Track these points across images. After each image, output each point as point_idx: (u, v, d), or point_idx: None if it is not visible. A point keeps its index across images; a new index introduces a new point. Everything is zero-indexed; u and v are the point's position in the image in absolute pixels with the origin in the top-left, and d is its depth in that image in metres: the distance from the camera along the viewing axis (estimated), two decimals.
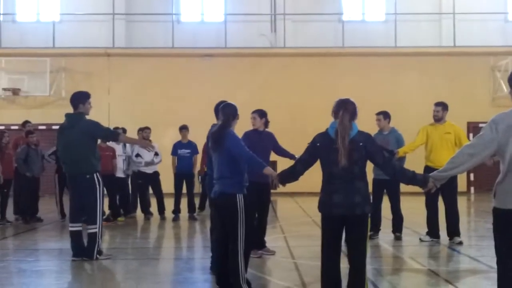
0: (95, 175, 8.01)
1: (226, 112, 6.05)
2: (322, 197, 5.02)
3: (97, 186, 8.02)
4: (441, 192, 8.97)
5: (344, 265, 5.09)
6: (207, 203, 10.35)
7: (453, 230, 9.22)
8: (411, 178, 4.97)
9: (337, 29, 21.01)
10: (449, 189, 8.87)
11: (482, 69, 20.21)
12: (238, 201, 5.86)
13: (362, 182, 4.94)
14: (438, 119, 9.42)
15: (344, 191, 4.86)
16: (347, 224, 4.94)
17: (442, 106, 9.44)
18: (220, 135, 5.93)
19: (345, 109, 4.94)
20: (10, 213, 12.50)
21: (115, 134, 8.53)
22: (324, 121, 9.37)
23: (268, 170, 5.92)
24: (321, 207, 5.02)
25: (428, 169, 8.88)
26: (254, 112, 8.44)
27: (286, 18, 20.81)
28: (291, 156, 8.48)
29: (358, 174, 4.90)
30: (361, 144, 4.89)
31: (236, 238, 5.84)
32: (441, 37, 21.19)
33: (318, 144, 5.02)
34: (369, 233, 5.13)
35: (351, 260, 4.99)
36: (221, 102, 6.48)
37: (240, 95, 15.98)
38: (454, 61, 20.16)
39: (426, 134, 9.40)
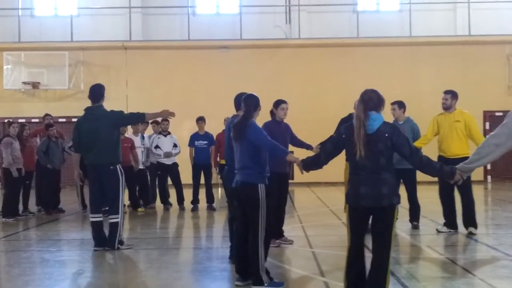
0: (118, 166, 8.17)
1: (248, 103, 6.08)
2: (349, 189, 4.95)
3: (120, 177, 8.17)
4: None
5: (367, 254, 5.06)
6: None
7: (469, 220, 9.12)
8: (438, 170, 4.93)
9: (352, 20, 20.99)
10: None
11: (497, 57, 20.10)
12: (260, 191, 5.89)
13: (389, 173, 4.83)
14: (446, 108, 9.25)
15: (371, 182, 4.78)
16: (374, 215, 4.87)
17: (451, 94, 9.25)
18: (242, 126, 5.97)
19: (361, 99, 4.91)
20: (32, 205, 12.71)
21: (141, 115, 8.62)
22: (339, 112, 9.51)
23: (291, 156, 5.98)
24: (349, 198, 4.95)
25: (440, 159, 8.77)
26: (285, 103, 8.34)
27: (301, 9, 20.81)
28: (307, 147, 8.56)
29: (385, 165, 4.80)
30: (386, 135, 4.80)
31: (257, 228, 5.89)
32: (456, 26, 21.06)
33: (343, 136, 4.94)
34: None
35: (375, 251, 4.89)
36: (242, 93, 6.49)
37: (255, 86, 15.95)
38: (469, 50, 20.06)
39: (437, 124, 9.28)
